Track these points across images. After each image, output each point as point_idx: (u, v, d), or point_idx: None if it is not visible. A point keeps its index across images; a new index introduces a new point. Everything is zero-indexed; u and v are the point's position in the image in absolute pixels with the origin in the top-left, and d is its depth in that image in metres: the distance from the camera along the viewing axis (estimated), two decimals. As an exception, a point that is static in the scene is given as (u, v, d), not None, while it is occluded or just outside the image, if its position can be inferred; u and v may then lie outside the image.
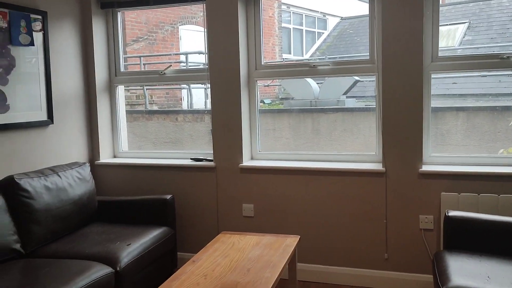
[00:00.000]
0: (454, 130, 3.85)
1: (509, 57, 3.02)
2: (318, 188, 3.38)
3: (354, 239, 3.33)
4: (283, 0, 8.34)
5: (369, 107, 4.43)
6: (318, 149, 4.36)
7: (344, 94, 5.29)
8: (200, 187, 3.65)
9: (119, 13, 3.93)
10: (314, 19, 9.21)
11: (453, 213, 2.70)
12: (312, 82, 5.32)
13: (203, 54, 3.67)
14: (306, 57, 8.42)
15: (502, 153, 3.50)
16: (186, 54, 6.81)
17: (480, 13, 5.84)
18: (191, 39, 7.65)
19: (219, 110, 3.56)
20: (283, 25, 8.55)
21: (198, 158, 3.73)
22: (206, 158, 3.71)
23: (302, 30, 8.97)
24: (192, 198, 3.68)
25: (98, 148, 3.87)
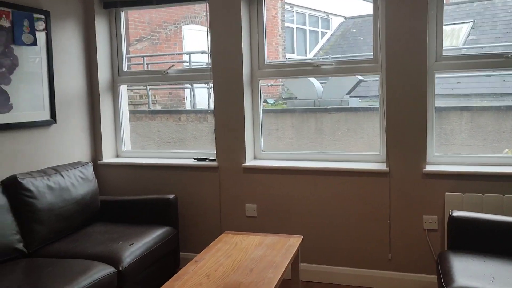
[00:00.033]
0: (458, 130, 3.83)
1: (514, 56, 3.00)
2: (322, 188, 3.36)
3: (357, 239, 3.32)
4: (287, -1, 8.33)
5: (372, 107, 4.42)
6: (321, 149, 4.35)
7: (347, 94, 5.28)
8: (203, 187, 3.65)
9: (122, 12, 3.93)
10: (318, 19, 9.20)
11: (457, 213, 2.68)
12: (315, 82, 5.31)
13: (206, 53, 3.66)
14: (310, 56, 8.40)
15: (507, 152, 3.48)
16: (189, 53, 6.82)
17: (484, 12, 5.82)
18: (195, 39, 7.65)
19: (222, 109, 3.55)
20: (287, 24, 8.54)
21: (201, 158, 3.72)
22: (209, 158, 3.70)
23: (305, 29, 8.96)
24: (195, 198, 3.67)
25: (101, 147, 3.86)
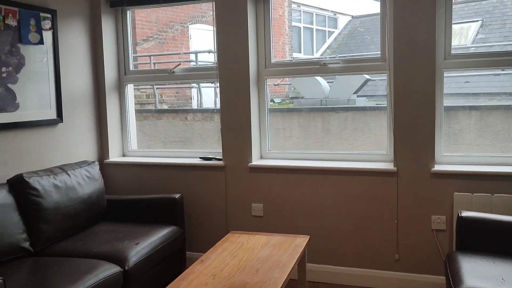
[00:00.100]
0: (467, 129, 3.79)
1: (524, 54, 2.96)
2: (329, 187, 3.34)
3: (364, 240, 3.29)
4: (293, -2, 8.31)
5: (380, 106, 4.38)
6: (328, 148, 4.32)
7: (354, 93, 5.24)
8: (209, 186, 3.63)
9: (129, 11, 3.92)
10: (325, 18, 9.16)
11: (466, 213, 2.65)
12: (322, 81, 5.28)
13: (213, 53, 3.65)
14: (317, 56, 8.37)
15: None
16: (196, 53, 6.81)
17: (493, 11, 5.75)
18: (201, 38, 7.64)
19: (229, 109, 3.54)
20: (293, 24, 8.51)
21: (207, 157, 3.71)
22: (215, 157, 3.69)
23: (312, 28, 8.93)
24: (201, 197, 3.66)
25: (107, 147, 3.86)
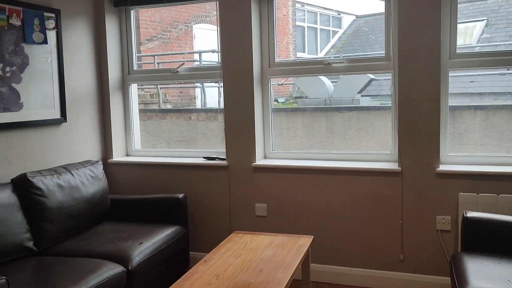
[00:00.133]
0: (472, 129, 3.77)
1: (530, 53, 2.94)
2: (333, 187, 3.32)
3: (369, 240, 3.28)
4: (297, -2, 8.30)
5: (384, 106, 4.36)
6: (332, 148, 4.31)
7: (358, 93, 5.22)
8: (212, 186, 3.63)
9: (132, 11, 3.92)
10: (329, 17, 9.14)
11: (471, 214, 2.63)
12: (326, 81, 5.27)
13: (217, 52, 3.64)
14: (321, 55, 8.35)
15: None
16: (200, 52, 6.81)
17: (498, 10, 5.72)
18: (205, 38, 7.65)
19: (232, 108, 3.53)
20: (297, 23, 8.49)
21: (211, 156, 3.70)
22: (219, 157, 3.68)
23: (316, 28, 8.91)
24: (204, 197, 3.65)
25: (111, 146, 3.86)
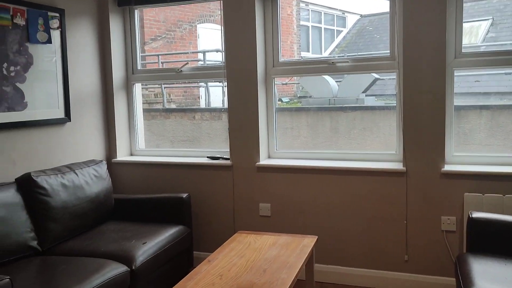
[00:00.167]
0: (477, 129, 3.74)
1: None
2: (337, 187, 3.31)
3: (373, 240, 3.26)
4: (302, -3, 8.28)
5: (389, 105, 4.35)
6: (336, 148, 4.29)
7: (363, 92, 5.21)
8: (216, 186, 3.62)
9: (136, 10, 3.92)
10: (333, 17, 9.12)
11: (477, 214, 2.61)
12: (330, 80, 5.25)
13: (221, 52, 3.64)
14: (325, 55, 8.33)
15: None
16: (204, 52, 6.81)
17: (504, 9, 5.69)
18: (209, 38, 7.65)
19: (236, 108, 3.52)
20: (302, 23, 8.48)
21: (215, 156, 3.70)
22: (223, 156, 3.67)
23: (320, 27, 8.89)
24: (208, 197, 3.65)
25: (115, 146, 3.86)
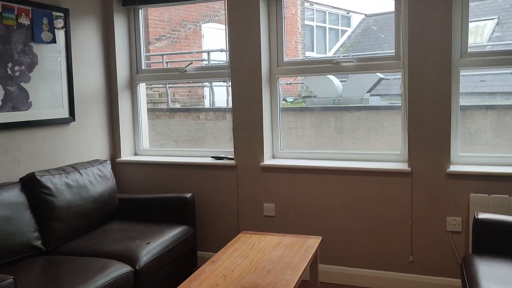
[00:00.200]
0: (483, 129, 3.72)
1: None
2: (341, 187, 3.30)
3: (378, 241, 3.24)
4: (306, -3, 8.26)
5: (393, 105, 4.33)
6: (341, 148, 4.27)
7: (368, 92, 5.18)
8: (220, 186, 3.61)
9: (141, 10, 3.92)
10: (338, 16, 9.10)
11: (483, 215, 2.59)
12: (335, 80, 5.23)
13: (225, 52, 3.63)
14: (329, 54, 8.31)
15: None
16: (208, 52, 6.80)
17: (510, 8, 5.65)
18: (214, 37, 7.64)
19: (240, 108, 3.51)
20: (306, 22, 8.46)
21: (219, 156, 3.69)
22: (227, 156, 3.66)
23: (325, 27, 8.87)
24: (212, 197, 3.64)
25: (119, 145, 3.86)
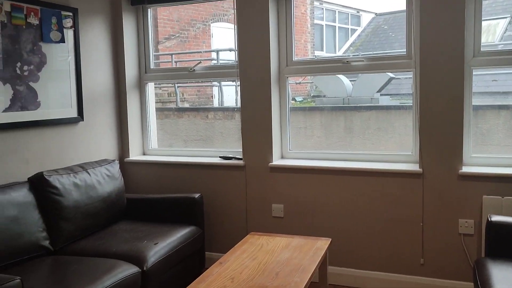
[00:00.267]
0: (495, 129, 3.66)
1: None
2: (351, 188, 3.26)
3: (388, 243, 3.20)
4: (316, -4, 8.22)
5: (404, 105, 4.27)
6: (350, 148, 4.23)
7: (378, 92, 5.13)
8: (229, 186, 3.59)
9: (150, 9, 3.91)
10: (348, 15, 9.03)
11: (496, 218, 2.54)
12: (344, 79, 5.18)
13: (234, 51, 3.60)
14: (339, 54, 8.25)
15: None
16: (217, 51, 6.78)
17: (523, 7, 5.55)
18: (223, 37, 7.62)
19: (249, 107, 3.48)
20: (316, 21, 8.41)
21: (227, 156, 3.67)
22: (235, 156, 3.64)
23: (335, 26, 8.81)
24: (220, 197, 3.62)
25: (128, 145, 3.86)
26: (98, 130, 3.63)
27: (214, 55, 7.08)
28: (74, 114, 3.39)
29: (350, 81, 5.23)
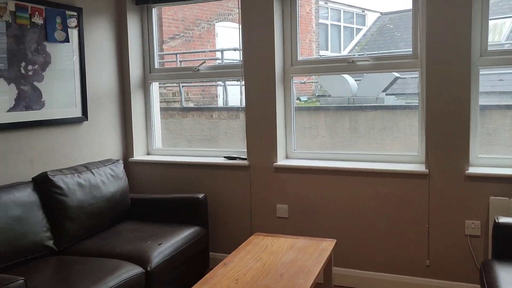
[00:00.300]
0: (501, 129, 3.62)
1: None
2: (356, 189, 3.23)
3: (393, 244, 3.17)
4: (321, -5, 8.19)
5: (410, 105, 4.25)
6: (355, 148, 4.20)
7: (383, 92, 5.10)
8: (233, 186, 3.58)
9: (154, 9, 3.90)
10: (353, 15, 9.00)
11: (503, 219, 2.51)
12: (349, 79, 5.16)
13: (239, 50, 3.59)
14: (344, 53, 8.22)
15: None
16: (222, 50, 6.77)
17: (530, 6, 5.51)
18: (228, 36, 7.61)
19: (254, 107, 3.47)
20: (321, 21, 8.39)
21: (232, 156, 3.65)
22: (240, 156, 3.63)
23: (340, 26, 8.78)
24: (225, 198, 3.61)
25: (132, 145, 3.85)
26: (103, 129, 3.63)
27: (218, 55, 7.07)
28: (78, 113, 3.39)
29: (355, 80, 5.20)
